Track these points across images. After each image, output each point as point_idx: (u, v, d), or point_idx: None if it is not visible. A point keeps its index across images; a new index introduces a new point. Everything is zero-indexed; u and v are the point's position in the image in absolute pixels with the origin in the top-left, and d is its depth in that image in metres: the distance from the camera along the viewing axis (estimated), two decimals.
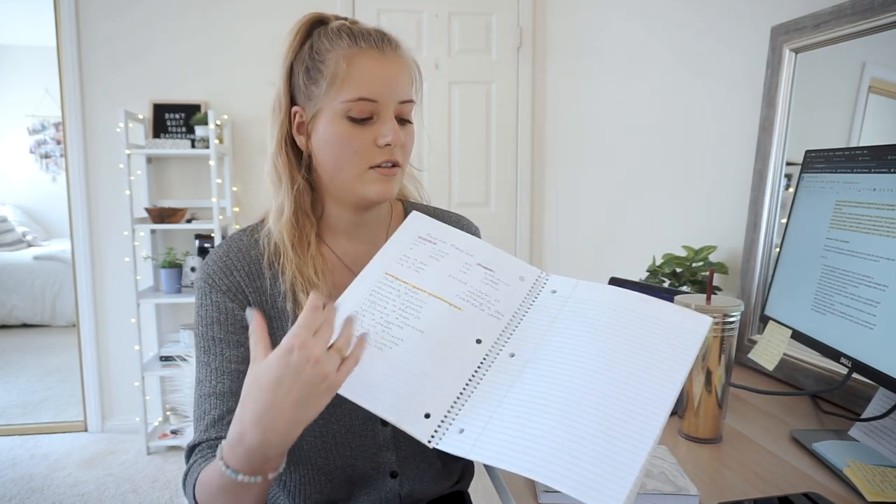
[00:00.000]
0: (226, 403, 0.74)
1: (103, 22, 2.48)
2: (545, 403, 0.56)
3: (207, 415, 0.74)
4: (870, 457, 0.73)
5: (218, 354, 0.76)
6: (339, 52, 0.74)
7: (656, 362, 0.57)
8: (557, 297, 0.68)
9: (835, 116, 1.08)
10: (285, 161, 0.80)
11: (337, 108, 0.75)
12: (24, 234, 4.94)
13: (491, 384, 0.62)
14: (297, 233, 0.80)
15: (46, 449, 2.53)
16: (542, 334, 0.65)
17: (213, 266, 0.79)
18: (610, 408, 0.54)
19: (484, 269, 0.73)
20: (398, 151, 0.77)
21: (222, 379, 0.75)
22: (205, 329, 0.78)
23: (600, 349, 0.59)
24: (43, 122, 5.36)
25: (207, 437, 0.73)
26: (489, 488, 0.55)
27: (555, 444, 0.52)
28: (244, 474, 0.59)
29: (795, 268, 0.93)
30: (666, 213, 1.72)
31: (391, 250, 0.74)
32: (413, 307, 0.68)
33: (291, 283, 0.78)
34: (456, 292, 0.69)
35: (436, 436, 0.59)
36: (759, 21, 1.25)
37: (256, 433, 0.56)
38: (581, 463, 0.50)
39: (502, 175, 2.76)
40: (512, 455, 0.53)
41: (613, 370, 0.57)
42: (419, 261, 0.73)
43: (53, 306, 4.33)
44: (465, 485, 0.96)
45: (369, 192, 0.77)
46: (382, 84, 0.75)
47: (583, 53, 2.35)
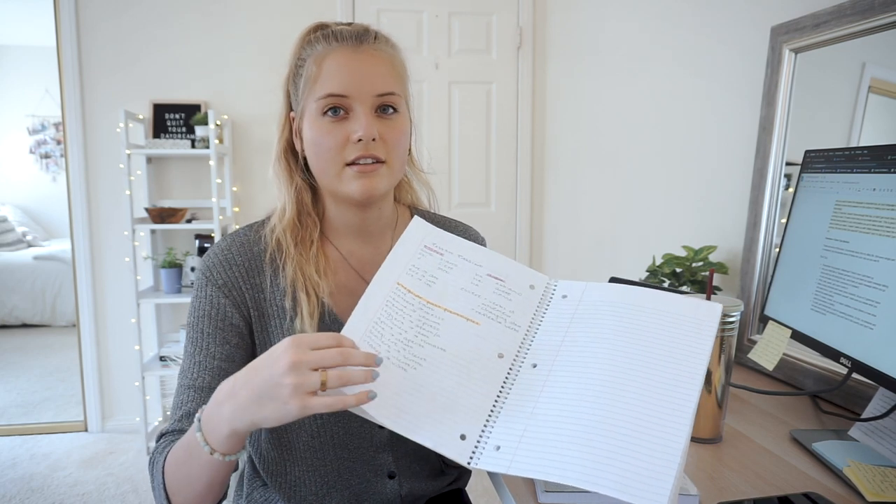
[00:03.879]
0: (202, 398, 0.75)
1: (103, 22, 2.48)
2: (575, 410, 0.56)
3: (183, 406, 0.75)
4: (870, 457, 0.73)
5: (203, 349, 0.77)
6: (313, 56, 0.77)
7: (675, 355, 0.57)
8: (569, 302, 0.68)
9: (835, 116, 1.08)
10: (284, 165, 0.83)
11: (313, 107, 0.77)
12: (24, 234, 4.94)
13: (519, 397, 0.62)
14: (300, 232, 0.81)
15: (46, 449, 2.53)
16: (560, 341, 0.65)
17: (214, 259, 0.80)
18: (638, 406, 0.54)
19: (495, 279, 0.72)
20: (378, 147, 0.76)
21: (202, 374, 0.76)
22: (196, 320, 0.78)
23: (618, 349, 0.59)
24: (43, 122, 5.35)
25: (180, 428, 0.74)
26: (489, 488, 0.55)
27: (591, 449, 0.52)
28: (229, 454, 0.62)
29: (795, 268, 0.93)
30: (666, 213, 1.72)
31: (398, 258, 0.72)
32: (431, 324, 0.67)
33: (292, 281, 0.79)
34: (471, 306, 0.69)
35: (474, 456, 0.59)
36: (759, 21, 1.25)
37: (224, 397, 0.60)
38: (621, 464, 0.50)
39: (502, 175, 2.76)
40: (551, 466, 0.53)
41: (635, 368, 0.57)
42: (429, 273, 0.71)
43: (53, 306, 4.33)
44: (463, 483, 0.97)
45: (350, 189, 0.77)
46: (351, 79, 0.75)
47: (583, 53, 2.35)
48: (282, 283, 0.79)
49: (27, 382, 3.31)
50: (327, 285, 0.80)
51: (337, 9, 2.52)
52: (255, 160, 2.62)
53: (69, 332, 3.76)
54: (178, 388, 0.77)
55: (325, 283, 0.80)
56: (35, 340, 4.10)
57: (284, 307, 0.79)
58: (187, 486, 0.66)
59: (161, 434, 0.75)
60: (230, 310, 0.78)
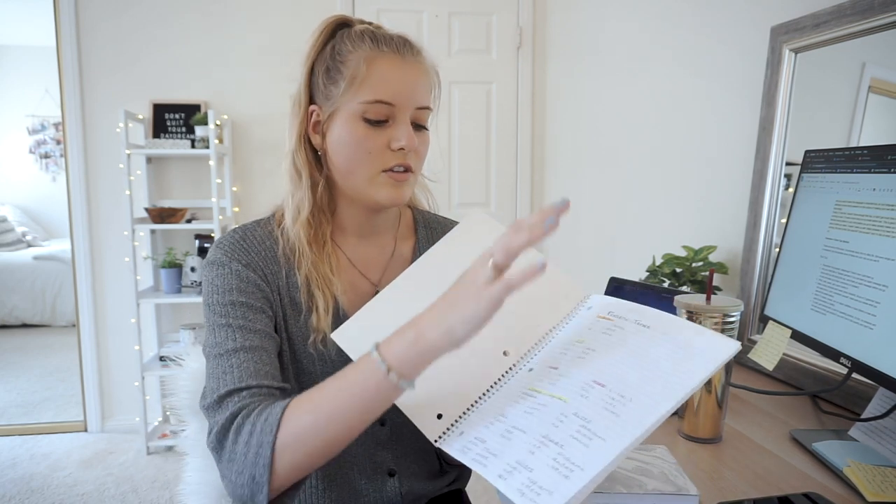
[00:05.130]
0: (258, 357, 0.69)
1: (103, 22, 2.48)
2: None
3: (237, 367, 0.68)
4: (870, 457, 0.73)
5: (240, 317, 0.72)
6: (360, 54, 0.75)
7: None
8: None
9: (835, 116, 1.08)
10: (304, 158, 0.80)
11: (354, 108, 0.75)
12: (24, 234, 4.94)
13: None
14: (314, 231, 0.81)
15: (46, 449, 2.53)
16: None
17: (231, 243, 0.79)
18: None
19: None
20: (412, 157, 0.78)
21: (248, 336, 0.71)
22: (221, 296, 0.74)
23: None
24: (43, 122, 5.36)
25: (248, 385, 0.66)
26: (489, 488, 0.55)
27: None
28: (404, 378, 0.58)
29: (795, 268, 0.93)
30: (666, 212, 1.72)
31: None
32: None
33: (307, 278, 0.79)
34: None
35: (442, 436, 0.61)
36: (759, 21, 1.25)
37: (418, 317, 0.59)
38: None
39: (502, 175, 2.76)
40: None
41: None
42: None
43: (53, 306, 4.33)
44: (462, 483, 0.97)
45: (380, 195, 0.77)
46: (400, 88, 0.75)
47: (583, 53, 2.35)
48: (296, 279, 0.79)
49: (27, 382, 3.31)
50: (341, 284, 0.81)
51: (337, 9, 2.52)
52: (255, 160, 2.62)
53: (69, 332, 3.75)
54: (216, 359, 0.70)
55: (339, 281, 0.81)
56: (35, 340, 4.10)
57: (298, 301, 0.79)
58: (324, 429, 0.59)
59: (221, 396, 0.66)
60: (260, 282, 0.77)
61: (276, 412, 0.61)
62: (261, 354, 0.70)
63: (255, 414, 0.63)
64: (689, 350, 0.56)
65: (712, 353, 0.54)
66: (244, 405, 0.65)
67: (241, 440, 0.61)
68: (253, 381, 0.67)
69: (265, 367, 0.70)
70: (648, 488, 0.64)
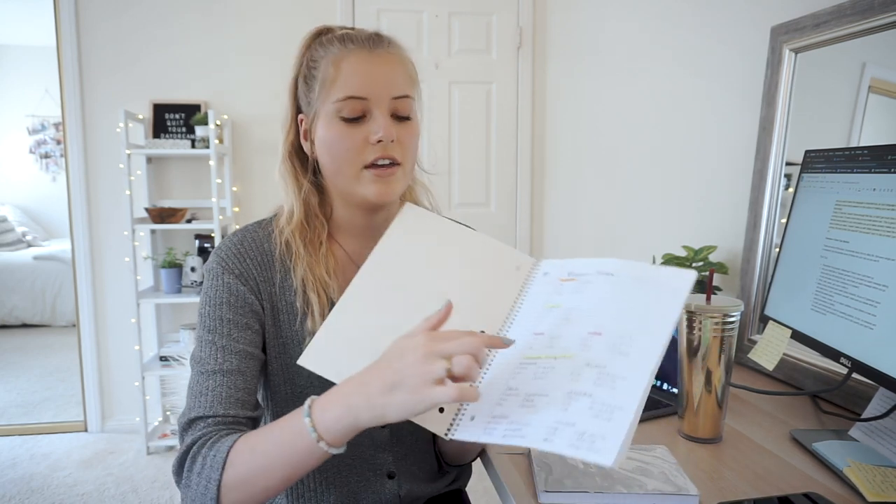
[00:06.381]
0: (233, 381, 0.73)
1: (103, 22, 2.48)
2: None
3: (211, 391, 0.72)
4: (870, 457, 0.73)
5: (225, 335, 0.75)
6: (329, 57, 0.77)
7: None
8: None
9: (835, 116, 1.08)
10: (290, 168, 0.83)
11: (329, 109, 0.76)
12: (24, 234, 4.94)
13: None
14: (308, 234, 0.82)
15: (46, 449, 2.53)
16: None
17: (227, 251, 0.80)
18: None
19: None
20: (395, 148, 0.77)
21: (229, 358, 0.74)
22: (212, 309, 0.77)
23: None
24: (43, 122, 5.35)
25: (214, 413, 0.71)
26: (489, 488, 0.55)
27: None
28: (333, 446, 0.60)
29: (795, 268, 0.93)
30: (666, 213, 1.72)
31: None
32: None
33: (302, 281, 0.79)
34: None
35: (451, 428, 0.61)
36: (759, 21, 1.25)
37: (352, 388, 0.60)
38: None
39: (502, 175, 2.76)
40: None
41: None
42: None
43: (53, 306, 4.33)
44: (462, 483, 0.97)
45: (367, 192, 0.78)
46: (371, 81, 0.76)
47: (582, 53, 2.35)
48: (292, 282, 0.80)
49: (27, 382, 3.31)
50: (337, 285, 0.81)
51: (337, 9, 2.52)
52: (255, 160, 2.62)
53: (69, 332, 3.75)
54: (197, 376, 0.74)
55: (335, 283, 0.81)
56: (35, 340, 4.10)
57: (295, 305, 0.80)
58: (262, 476, 0.63)
59: (190, 420, 0.71)
60: (249, 297, 0.78)
61: (222, 450, 0.65)
62: (236, 379, 0.74)
63: (208, 447, 0.67)
64: (658, 284, 0.60)
65: (678, 281, 0.59)
66: (203, 434, 0.69)
67: (195, 470, 0.66)
68: (220, 409, 0.71)
69: (237, 394, 0.73)
70: (648, 488, 0.64)
